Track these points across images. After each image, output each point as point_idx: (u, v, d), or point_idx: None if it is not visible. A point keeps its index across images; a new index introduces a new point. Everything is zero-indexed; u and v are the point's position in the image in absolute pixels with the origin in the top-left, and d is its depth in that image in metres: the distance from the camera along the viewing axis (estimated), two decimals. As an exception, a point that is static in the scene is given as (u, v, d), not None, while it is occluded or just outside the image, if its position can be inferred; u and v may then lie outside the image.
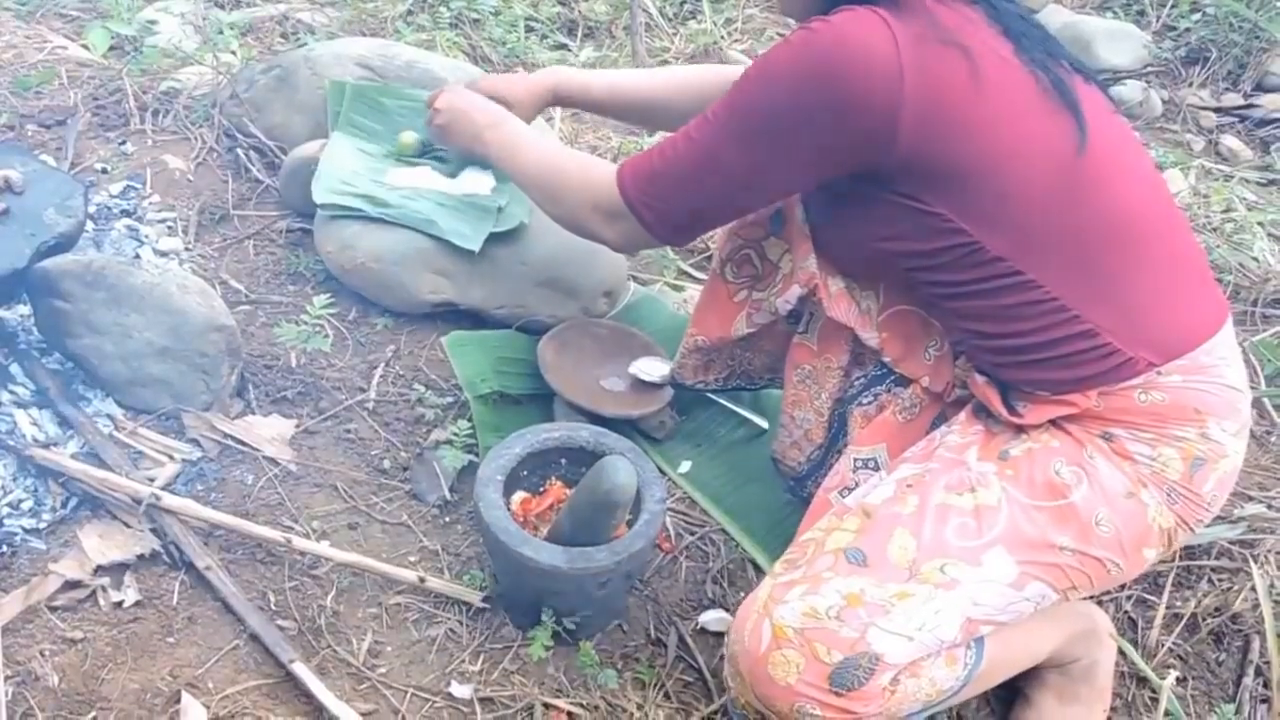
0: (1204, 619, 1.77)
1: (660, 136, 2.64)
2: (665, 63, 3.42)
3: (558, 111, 2.84)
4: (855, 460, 1.50)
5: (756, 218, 1.63)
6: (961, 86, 1.26)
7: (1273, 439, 2.15)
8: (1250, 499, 1.94)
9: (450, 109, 1.86)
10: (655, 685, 1.58)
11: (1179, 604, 1.78)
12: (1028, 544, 1.31)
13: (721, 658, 1.63)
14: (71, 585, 1.57)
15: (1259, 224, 2.76)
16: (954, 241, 1.31)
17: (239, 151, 2.46)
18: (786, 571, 1.34)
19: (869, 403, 1.56)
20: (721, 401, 2.03)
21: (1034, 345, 1.34)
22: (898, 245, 1.37)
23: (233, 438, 1.82)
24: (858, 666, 1.25)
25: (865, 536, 1.32)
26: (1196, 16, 3.75)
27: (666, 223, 1.47)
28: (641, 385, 1.95)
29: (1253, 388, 1.93)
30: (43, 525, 1.64)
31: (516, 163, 1.70)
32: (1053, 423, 1.38)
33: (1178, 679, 1.68)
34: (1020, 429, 1.38)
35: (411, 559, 1.71)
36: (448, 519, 1.79)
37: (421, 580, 1.63)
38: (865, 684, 1.25)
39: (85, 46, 2.80)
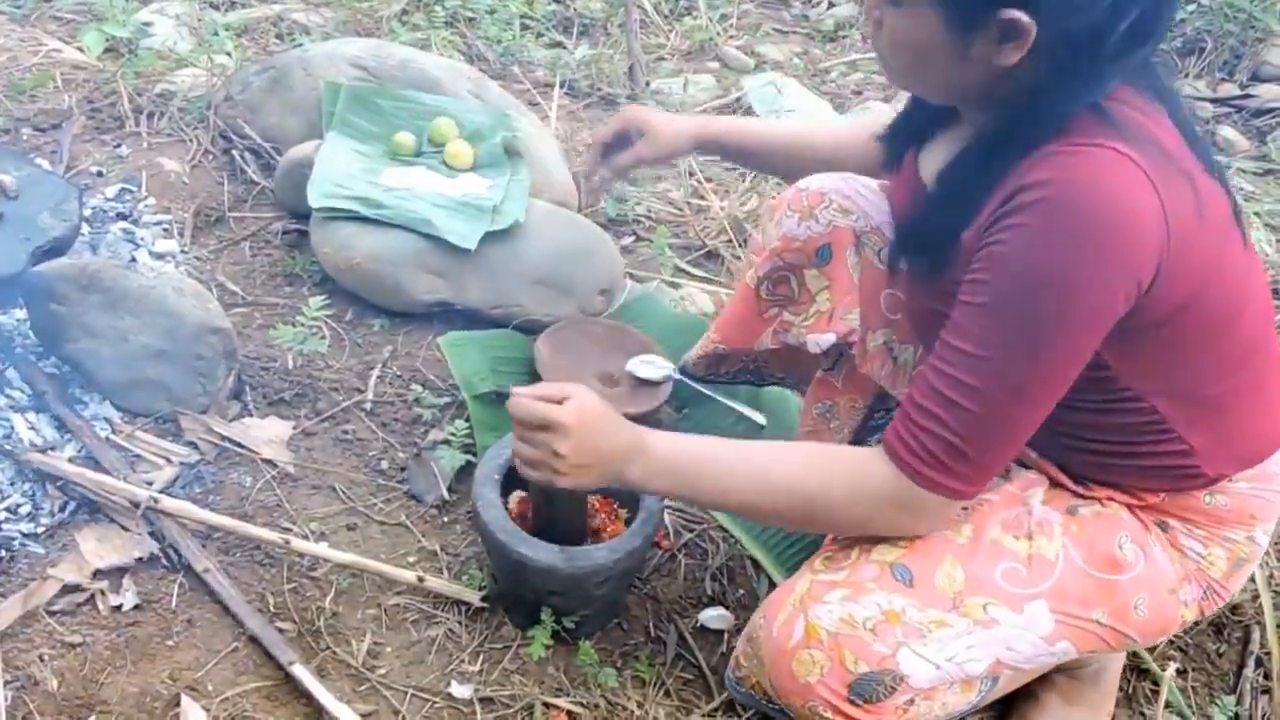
0: (1204, 611, 1.78)
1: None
2: (661, 60, 3.42)
3: (553, 110, 2.84)
4: None
5: (803, 246, 1.58)
6: (1193, 221, 1.15)
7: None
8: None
9: (570, 447, 1.32)
10: (655, 683, 1.58)
11: (1179, 596, 1.78)
12: (1069, 605, 1.30)
13: (722, 654, 1.63)
14: (70, 589, 1.56)
15: (1256, 214, 2.75)
16: (1090, 374, 1.21)
17: (234, 153, 2.46)
18: (827, 570, 1.31)
19: None
20: (719, 398, 2.02)
21: (1124, 454, 1.31)
22: None
23: (230, 440, 1.82)
24: (880, 682, 1.24)
25: (914, 555, 1.29)
26: (1192, 7, 3.74)
27: (984, 481, 1.24)
28: (639, 383, 1.95)
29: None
30: (41, 530, 1.63)
31: (731, 494, 1.33)
32: None
33: (1178, 670, 1.68)
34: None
35: (410, 559, 1.71)
36: (446, 519, 1.79)
37: (420, 580, 1.62)
38: (883, 700, 1.24)
39: (80, 49, 2.80)
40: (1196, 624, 1.74)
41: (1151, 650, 1.69)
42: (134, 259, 2.12)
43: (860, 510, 1.26)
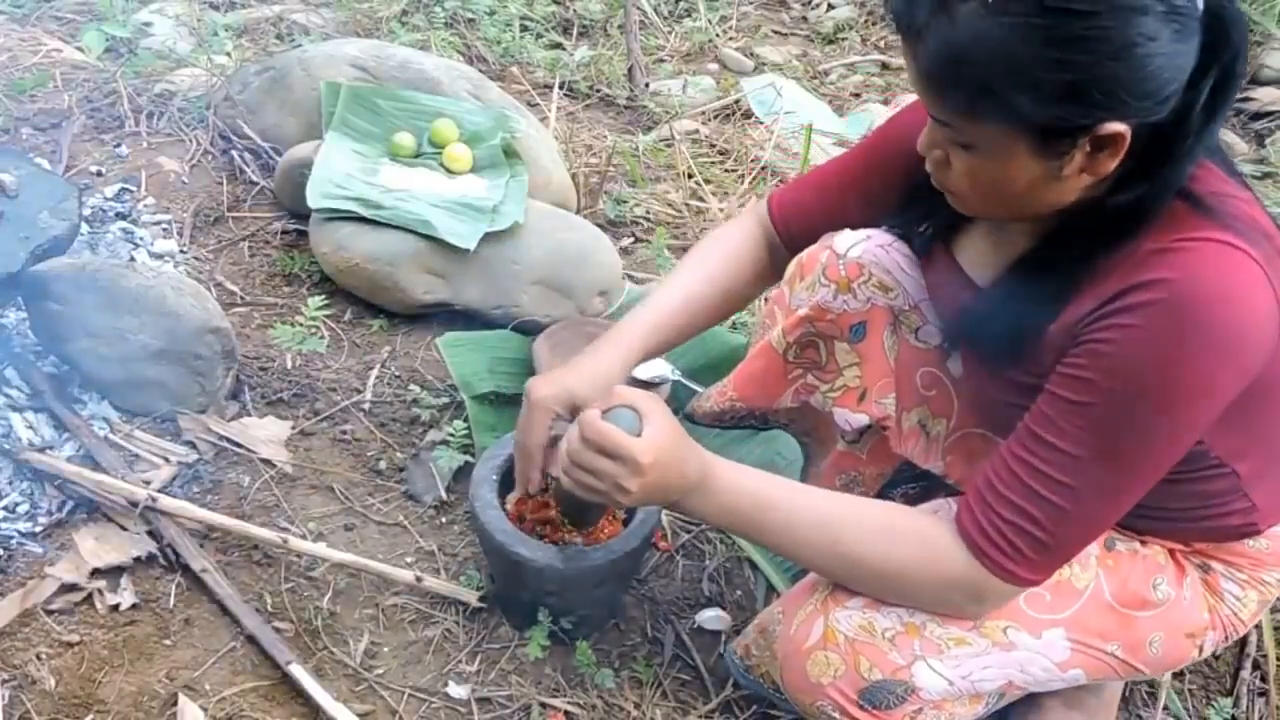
0: (1201, 613, 1.78)
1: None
2: (660, 61, 3.42)
3: (553, 111, 2.84)
4: None
5: (837, 319, 1.45)
6: None
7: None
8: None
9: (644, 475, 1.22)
10: (652, 684, 1.58)
11: (1176, 599, 1.78)
12: (1087, 636, 1.30)
13: (719, 656, 1.63)
14: (68, 588, 1.56)
15: (1255, 218, 2.76)
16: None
17: (234, 153, 2.46)
18: None
19: (914, 490, 1.54)
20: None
21: (1193, 517, 1.29)
22: None
23: (228, 440, 1.82)
24: (892, 691, 1.24)
25: None
26: (1191, 11, 3.74)
27: (1055, 570, 1.22)
28: (636, 385, 1.95)
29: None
30: (39, 529, 1.63)
31: (802, 544, 1.28)
32: None
33: (1175, 674, 1.68)
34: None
35: (408, 559, 1.71)
36: (444, 519, 1.79)
37: (418, 580, 1.63)
38: (893, 709, 1.25)
39: (80, 49, 2.80)
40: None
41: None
42: (133, 258, 2.12)
43: (927, 594, 1.24)
